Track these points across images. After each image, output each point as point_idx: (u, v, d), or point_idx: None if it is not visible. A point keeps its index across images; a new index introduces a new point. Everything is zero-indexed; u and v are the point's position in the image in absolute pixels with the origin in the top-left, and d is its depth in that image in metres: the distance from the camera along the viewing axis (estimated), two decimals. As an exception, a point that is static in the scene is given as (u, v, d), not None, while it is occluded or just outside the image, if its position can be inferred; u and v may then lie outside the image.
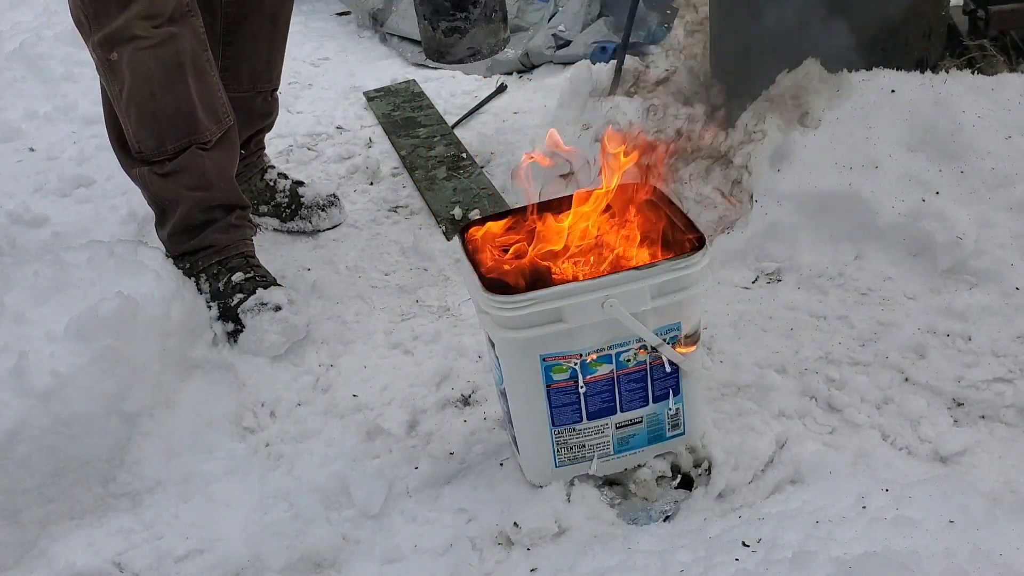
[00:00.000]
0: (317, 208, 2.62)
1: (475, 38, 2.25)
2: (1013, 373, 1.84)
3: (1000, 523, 1.48)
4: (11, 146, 3.34)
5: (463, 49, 2.26)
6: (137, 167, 2.20)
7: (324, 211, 2.63)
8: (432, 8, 2.25)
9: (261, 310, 2.14)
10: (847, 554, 1.42)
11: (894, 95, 2.28)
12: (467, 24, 2.22)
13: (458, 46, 2.26)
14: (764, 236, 2.25)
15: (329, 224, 2.63)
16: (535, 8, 3.67)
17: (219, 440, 1.95)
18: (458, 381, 2.04)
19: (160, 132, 2.14)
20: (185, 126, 2.14)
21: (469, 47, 2.26)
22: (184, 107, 2.13)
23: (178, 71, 2.12)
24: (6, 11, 4.40)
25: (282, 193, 2.63)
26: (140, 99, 2.11)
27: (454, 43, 2.26)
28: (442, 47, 2.28)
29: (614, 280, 1.55)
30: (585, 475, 1.72)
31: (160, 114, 2.12)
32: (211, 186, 2.21)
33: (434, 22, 2.25)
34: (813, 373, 1.91)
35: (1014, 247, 2.03)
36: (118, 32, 2.05)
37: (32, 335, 1.86)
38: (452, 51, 2.27)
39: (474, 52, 2.27)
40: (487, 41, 2.27)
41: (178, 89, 2.12)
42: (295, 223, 2.62)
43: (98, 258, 2.07)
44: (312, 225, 2.62)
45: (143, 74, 2.09)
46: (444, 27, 2.23)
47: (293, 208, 2.62)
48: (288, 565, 1.66)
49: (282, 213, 2.62)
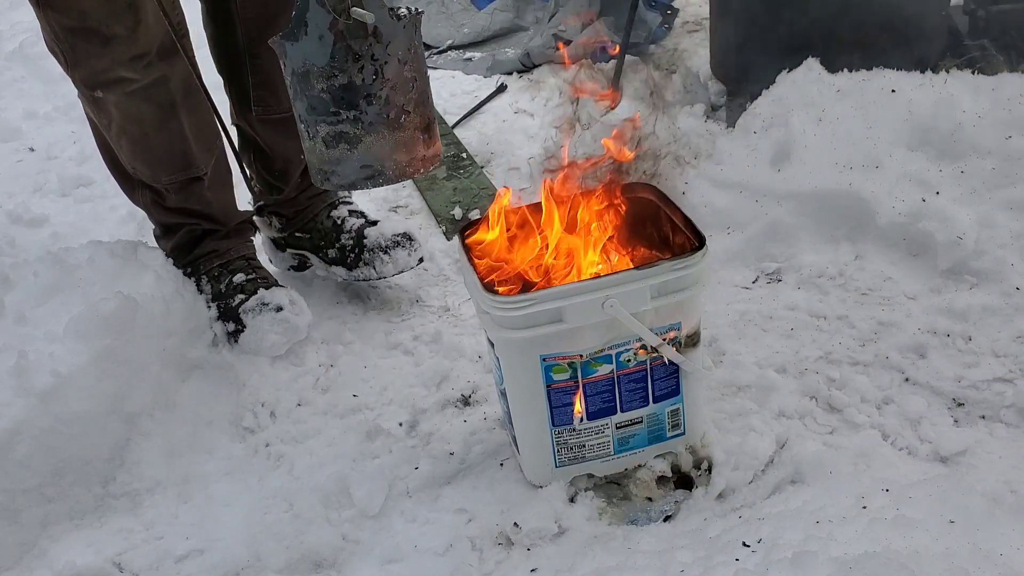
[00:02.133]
0: (379, 251, 2.23)
1: (372, 151, 1.56)
2: (1013, 373, 1.84)
3: (1000, 523, 1.48)
4: (11, 146, 3.34)
5: (353, 168, 1.58)
6: (138, 190, 2.18)
7: (387, 253, 2.22)
8: (307, 104, 1.56)
9: (262, 310, 2.14)
10: (847, 554, 1.41)
11: (894, 95, 2.28)
12: (358, 129, 1.55)
13: (346, 163, 1.57)
14: (764, 236, 2.25)
15: (394, 270, 2.23)
16: (535, 8, 3.68)
17: (219, 440, 1.95)
18: (458, 381, 2.04)
19: (154, 165, 2.10)
20: (180, 162, 2.09)
21: (364, 165, 1.57)
22: (178, 145, 2.07)
23: (171, 110, 2.02)
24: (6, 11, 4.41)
25: (348, 234, 2.26)
26: (132, 136, 2.05)
27: (340, 157, 1.57)
28: (324, 163, 1.59)
29: (614, 280, 1.55)
30: (585, 475, 1.72)
31: (154, 151, 2.07)
32: (209, 209, 2.21)
33: (311, 125, 1.57)
34: (813, 373, 1.91)
35: (1014, 247, 2.03)
36: (102, 74, 1.93)
37: (32, 335, 1.86)
38: (339, 170, 1.59)
39: (372, 174, 1.58)
40: (394, 157, 1.58)
41: (171, 128, 2.04)
42: (360, 270, 2.25)
43: (98, 258, 2.07)
44: (376, 272, 2.23)
45: (133, 115, 2.00)
46: (325, 133, 1.56)
47: (357, 252, 2.24)
48: (288, 565, 1.66)
49: (347, 258, 2.26)
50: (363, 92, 1.53)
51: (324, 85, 1.53)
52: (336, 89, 1.53)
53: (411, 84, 1.58)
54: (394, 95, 1.55)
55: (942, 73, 2.32)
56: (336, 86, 1.53)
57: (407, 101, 1.57)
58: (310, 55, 1.53)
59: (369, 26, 1.50)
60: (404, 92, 1.56)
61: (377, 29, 1.51)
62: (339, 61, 1.51)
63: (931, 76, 2.30)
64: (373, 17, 1.50)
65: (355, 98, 1.54)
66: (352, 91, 1.53)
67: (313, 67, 1.53)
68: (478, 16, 3.74)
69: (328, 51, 1.51)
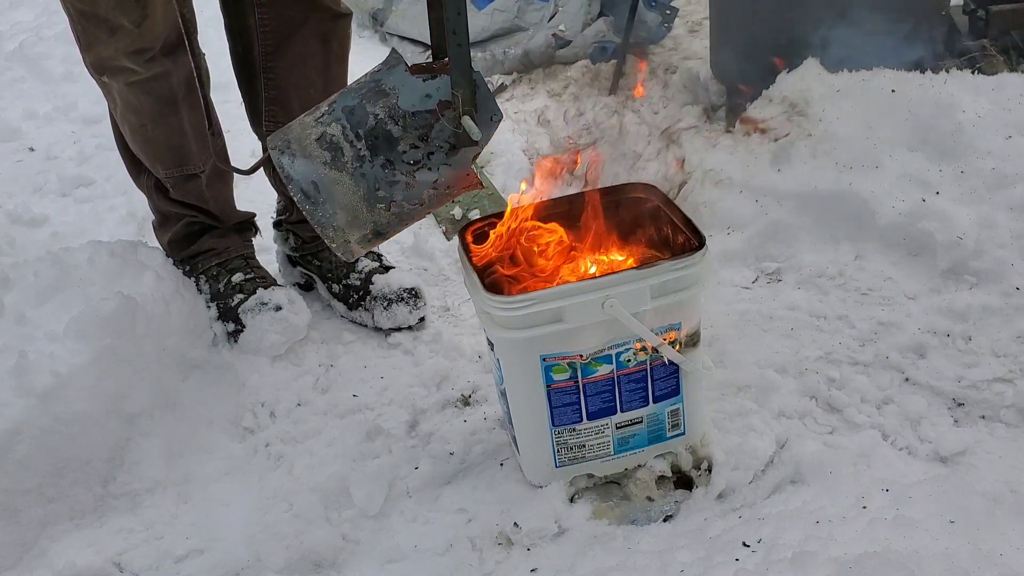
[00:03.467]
0: (381, 301, 2.19)
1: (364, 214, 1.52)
2: (1013, 373, 1.84)
3: (1000, 523, 1.48)
4: (11, 146, 3.34)
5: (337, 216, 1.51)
6: (144, 175, 2.19)
7: (388, 307, 2.18)
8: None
9: (261, 310, 2.14)
10: (847, 554, 1.41)
11: (894, 95, 2.28)
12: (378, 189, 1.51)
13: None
14: (764, 236, 2.25)
15: (390, 324, 2.18)
16: (535, 8, 3.67)
17: (219, 440, 1.95)
18: (458, 381, 2.04)
19: (152, 156, 2.12)
20: (177, 157, 2.11)
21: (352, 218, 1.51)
22: (176, 140, 2.08)
23: (171, 105, 2.02)
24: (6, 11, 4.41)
25: (357, 274, 2.24)
26: (132, 125, 2.07)
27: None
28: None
29: (614, 280, 1.55)
30: (585, 475, 1.72)
31: (152, 142, 2.09)
32: (207, 206, 2.22)
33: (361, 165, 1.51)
34: (813, 373, 1.91)
35: (1014, 247, 2.03)
36: (107, 61, 1.96)
37: (32, 335, 1.86)
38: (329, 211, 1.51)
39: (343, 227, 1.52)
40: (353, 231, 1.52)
41: (170, 123, 2.05)
42: (358, 314, 2.23)
43: (98, 258, 2.07)
44: (373, 322, 2.21)
45: (133, 105, 2.02)
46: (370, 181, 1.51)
47: (360, 296, 2.22)
48: (288, 565, 1.66)
49: (350, 298, 2.24)
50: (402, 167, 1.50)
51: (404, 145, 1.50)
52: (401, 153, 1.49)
53: (425, 200, 1.54)
54: (414, 192, 1.52)
55: (942, 73, 2.32)
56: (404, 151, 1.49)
57: (416, 203, 1.54)
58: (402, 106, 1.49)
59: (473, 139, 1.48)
60: (417, 198, 1.53)
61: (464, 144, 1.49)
62: (416, 132, 1.48)
63: (931, 76, 2.30)
64: (480, 136, 1.47)
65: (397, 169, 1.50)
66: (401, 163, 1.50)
67: (396, 124, 1.49)
68: (478, 16, 3.74)
69: (420, 123, 1.48)
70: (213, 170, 2.16)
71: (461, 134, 1.48)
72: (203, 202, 2.20)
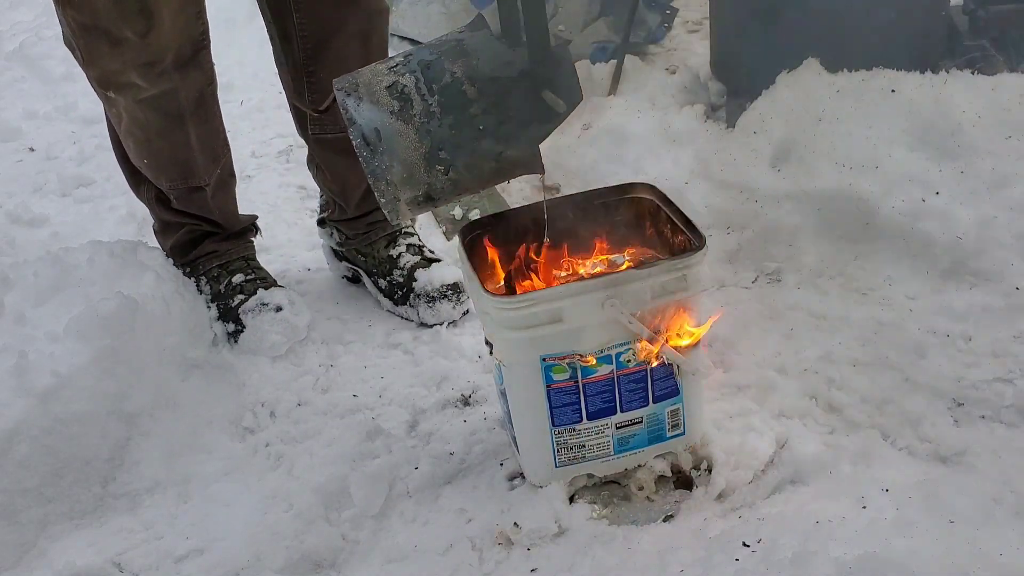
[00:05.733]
0: (425, 298, 2.20)
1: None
2: (1013, 373, 1.84)
3: (1000, 523, 1.48)
4: (11, 146, 3.35)
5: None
6: (143, 186, 2.18)
7: (432, 304, 2.19)
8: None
9: (262, 310, 2.14)
10: (847, 554, 1.41)
11: (894, 95, 2.28)
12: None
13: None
14: (764, 236, 2.25)
15: (435, 320, 2.19)
16: (535, 8, 3.67)
17: (219, 440, 1.95)
18: (458, 381, 2.04)
19: (156, 169, 2.11)
20: (181, 171, 2.10)
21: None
22: (181, 155, 2.07)
23: (177, 121, 2.01)
24: (6, 11, 4.42)
25: (400, 271, 2.25)
26: (137, 139, 2.06)
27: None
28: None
29: (614, 280, 1.55)
30: (585, 475, 1.72)
31: (157, 156, 2.08)
32: (211, 216, 2.22)
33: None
34: (813, 373, 1.91)
35: (1014, 247, 2.03)
36: (114, 76, 1.93)
37: (32, 335, 1.86)
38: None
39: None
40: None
41: (176, 138, 2.04)
42: (404, 310, 2.24)
43: (98, 258, 2.07)
44: (419, 318, 2.21)
45: (140, 121, 2.01)
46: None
47: (404, 292, 2.24)
48: (288, 565, 1.66)
49: (395, 294, 2.26)
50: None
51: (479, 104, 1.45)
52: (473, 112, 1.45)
53: (485, 173, 1.50)
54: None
55: (942, 73, 2.32)
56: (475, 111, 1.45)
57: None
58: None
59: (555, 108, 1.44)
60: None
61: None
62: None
63: (931, 76, 2.30)
64: (564, 108, 1.44)
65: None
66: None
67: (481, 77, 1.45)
68: (478, 16, 3.74)
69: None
70: (217, 181, 2.16)
71: (540, 108, 1.43)
72: (206, 212, 2.20)
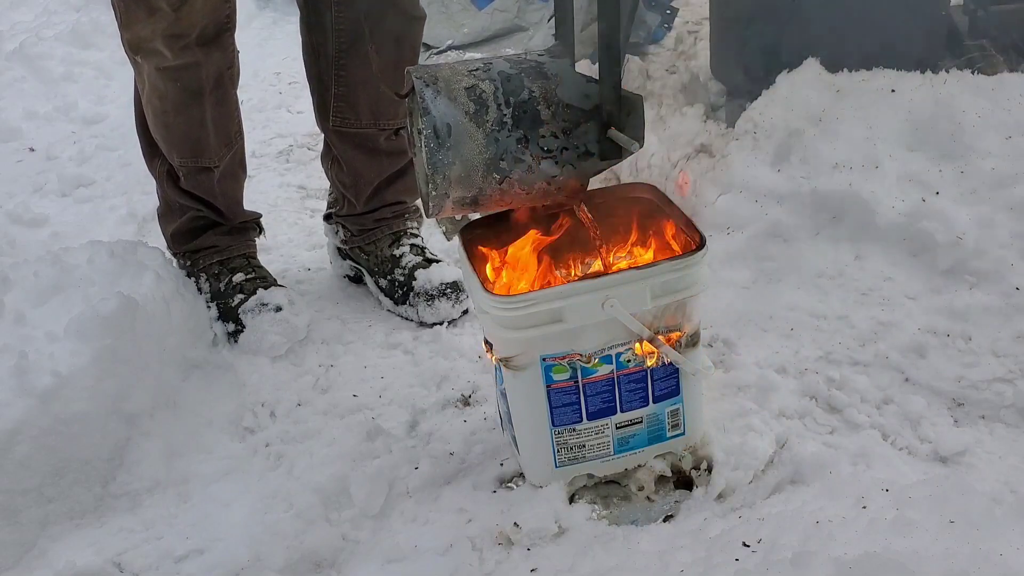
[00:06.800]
0: (424, 297, 2.21)
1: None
2: (1013, 373, 1.84)
3: (1000, 523, 1.48)
4: (11, 146, 3.35)
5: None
6: (158, 158, 2.20)
7: (431, 303, 2.20)
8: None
9: (262, 310, 2.14)
10: (847, 554, 1.41)
11: (894, 95, 2.28)
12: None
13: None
14: (764, 236, 2.24)
15: (434, 319, 2.21)
16: (535, 8, 3.67)
17: (219, 440, 1.95)
18: (458, 381, 2.04)
19: (169, 143, 2.14)
20: (193, 148, 2.12)
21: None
22: (195, 132, 2.09)
23: (195, 97, 2.05)
24: (6, 11, 4.42)
25: (401, 270, 2.26)
26: (155, 108, 2.09)
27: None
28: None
29: (614, 280, 1.55)
30: (585, 475, 1.72)
31: (171, 130, 2.11)
32: (215, 201, 2.22)
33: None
34: (813, 373, 1.91)
35: (1014, 247, 2.03)
36: (144, 42, 1.98)
37: (32, 335, 1.86)
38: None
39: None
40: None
41: (192, 114, 2.07)
42: (404, 309, 2.26)
43: (98, 258, 2.07)
44: (418, 317, 2.23)
45: (159, 90, 2.05)
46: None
47: (404, 292, 2.26)
48: (288, 565, 1.66)
49: (395, 293, 2.27)
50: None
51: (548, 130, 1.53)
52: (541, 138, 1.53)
53: (534, 191, 1.57)
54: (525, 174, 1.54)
55: (942, 73, 2.32)
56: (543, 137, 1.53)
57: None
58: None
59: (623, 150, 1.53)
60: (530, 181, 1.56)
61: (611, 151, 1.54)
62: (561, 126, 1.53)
63: (931, 76, 2.30)
64: (635, 146, 1.51)
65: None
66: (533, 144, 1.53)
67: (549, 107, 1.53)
68: (478, 16, 3.74)
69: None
70: (227, 166, 2.18)
71: (603, 144, 1.53)
72: (212, 196, 2.21)
